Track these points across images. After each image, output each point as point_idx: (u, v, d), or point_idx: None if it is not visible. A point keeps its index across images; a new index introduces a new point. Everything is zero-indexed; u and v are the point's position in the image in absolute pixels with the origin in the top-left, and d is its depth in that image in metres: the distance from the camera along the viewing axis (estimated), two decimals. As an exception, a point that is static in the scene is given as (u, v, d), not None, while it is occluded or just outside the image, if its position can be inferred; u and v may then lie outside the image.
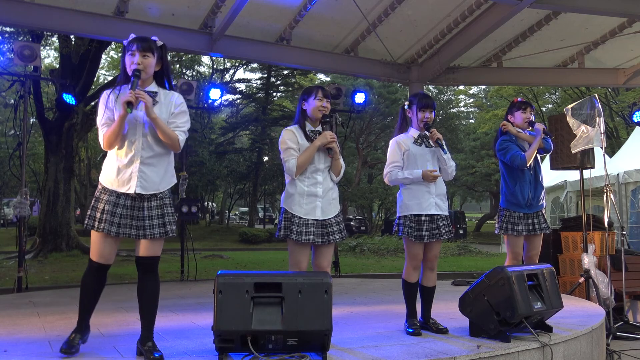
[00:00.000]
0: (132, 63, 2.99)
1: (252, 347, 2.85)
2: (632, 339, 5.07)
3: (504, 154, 4.59)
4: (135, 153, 2.98)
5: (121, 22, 6.86)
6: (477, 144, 28.84)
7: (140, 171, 2.98)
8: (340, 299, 5.54)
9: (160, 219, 3.01)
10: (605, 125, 5.44)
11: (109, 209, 2.95)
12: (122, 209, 2.97)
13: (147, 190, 2.99)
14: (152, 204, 3.01)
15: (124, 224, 2.96)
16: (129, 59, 3.01)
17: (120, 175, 2.98)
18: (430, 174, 3.82)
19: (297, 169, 3.48)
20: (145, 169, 2.99)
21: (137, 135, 2.99)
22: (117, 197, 2.97)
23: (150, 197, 3.01)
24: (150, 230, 2.98)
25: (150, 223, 2.99)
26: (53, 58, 25.49)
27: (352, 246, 17.03)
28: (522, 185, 4.59)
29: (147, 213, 2.99)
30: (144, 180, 2.98)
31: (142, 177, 2.98)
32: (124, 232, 2.96)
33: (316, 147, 3.49)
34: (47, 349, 3.35)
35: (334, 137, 3.51)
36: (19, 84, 7.14)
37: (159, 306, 3.11)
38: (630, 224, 10.75)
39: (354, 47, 8.38)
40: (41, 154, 18.55)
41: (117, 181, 2.98)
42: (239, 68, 28.64)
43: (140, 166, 2.98)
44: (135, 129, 3.00)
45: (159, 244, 3.05)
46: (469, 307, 3.70)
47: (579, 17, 7.53)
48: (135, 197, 2.98)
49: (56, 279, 9.86)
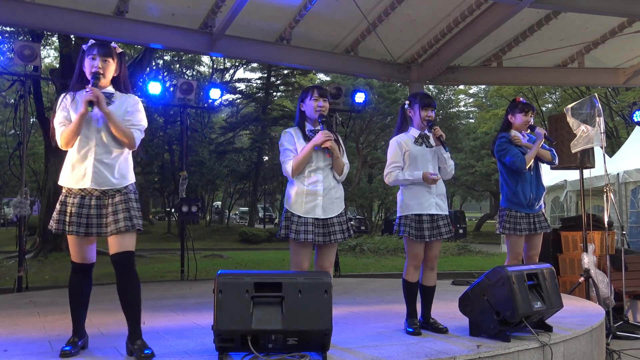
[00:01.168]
0: (92, 67, 3.08)
1: (252, 347, 2.85)
2: (632, 338, 5.07)
3: (503, 155, 4.59)
4: (89, 149, 3.04)
5: (121, 22, 6.86)
6: (477, 143, 28.81)
7: (94, 167, 3.03)
8: (341, 299, 5.54)
9: (126, 212, 3.04)
10: (605, 124, 5.44)
11: (75, 210, 3.00)
12: (87, 209, 3.01)
13: (101, 186, 3.03)
14: (115, 199, 3.05)
15: (91, 223, 3.00)
16: (89, 63, 3.10)
17: (75, 171, 3.04)
18: (430, 177, 3.82)
19: (294, 169, 3.50)
20: (99, 166, 3.04)
21: (91, 132, 3.06)
22: (81, 198, 3.01)
23: (114, 194, 3.05)
24: (115, 225, 3.00)
25: (115, 218, 3.01)
26: (53, 58, 25.48)
27: (352, 246, 17.03)
28: (523, 185, 4.59)
29: (111, 209, 3.03)
30: (98, 176, 3.03)
31: (96, 172, 3.03)
32: (91, 232, 3.00)
33: (311, 147, 3.49)
34: (47, 348, 3.35)
35: (329, 136, 3.49)
36: (19, 84, 7.15)
37: (159, 306, 3.11)
38: (630, 224, 10.76)
39: (354, 47, 8.38)
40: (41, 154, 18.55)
41: (72, 178, 3.04)
42: (239, 68, 28.66)
43: (94, 162, 3.03)
44: (89, 127, 3.06)
45: (130, 239, 3.05)
46: (469, 307, 3.70)
47: (579, 16, 7.53)
48: (100, 196, 3.02)
49: (56, 278, 9.85)
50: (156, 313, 4.63)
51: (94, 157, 3.04)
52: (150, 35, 7.27)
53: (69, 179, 3.06)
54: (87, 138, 3.05)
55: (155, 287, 7.12)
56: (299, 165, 3.50)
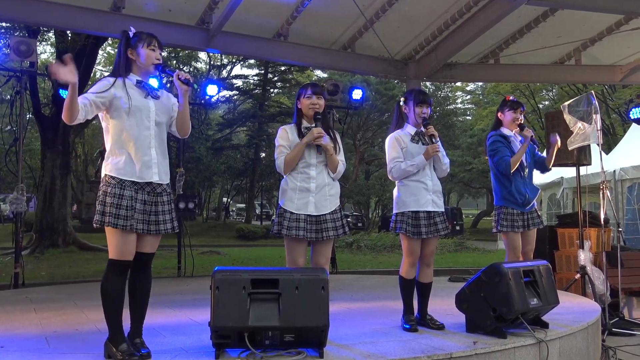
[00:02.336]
0: (157, 58, 3.06)
1: (249, 343, 2.85)
2: (627, 335, 5.09)
3: (492, 156, 4.64)
4: (150, 141, 2.97)
5: (118, 18, 6.83)
6: (474, 140, 28.82)
7: (157, 159, 2.98)
8: (337, 295, 5.55)
9: (170, 214, 3.01)
10: (601, 122, 5.45)
11: (131, 204, 2.87)
12: (140, 204, 2.91)
13: (163, 180, 2.99)
14: (164, 198, 3.00)
15: (141, 219, 2.90)
16: (151, 53, 3.04)
17: (138, 162, 2.91)
18: (431, 151, 3.83)
19: (285, 166, 3.51)
20: (160, 159, 3.00)
21: (150, 123, 2.99)
22: (135, 191, 2.90)
23: (162, 192, 3.00)
24: (164, 225, 2.97)
25: (164, 218, 2.98)
26: (49, 54, 25.38)
27: (349, 242, 17.05)
28: (517, 185, 4.62)
29: (160, 208, 2.97)
30: (161, 170, 2.99)
31: (159, 165, 2.98)
32: (142, 228, 2.90)
33: (303, 145, 3.48)
34: (43, 345, 3.35)
35: (321, 133, 3.47)
36: (15, 80, 7.12)
37: (156, 302, 3.10)
38: (626, 221, 10.78)
39: (351, 44, 8.37)
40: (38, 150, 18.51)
41: (136, 170, 2.91)
42: (236, 64, 28.56)
43: (157, 155, 2.98)
44: (148, 117, 2.99)
45: (158, 240, 3.04)
46: (466, 303, 3.71)
47: (576, 14, 7.54)
48: (150, 192, 2.94)
49: (53, 275, 9.84)
50: (153, 309, 4.57)
51: (155, 149, 2.97)
52: (147, 31, 7.23)
53: (130, 171, 2.90)
54: (147, 129, 2.97)
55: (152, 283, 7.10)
56: (291, 162, 3.51)
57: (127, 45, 3.06)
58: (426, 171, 3.90)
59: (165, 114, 3.08)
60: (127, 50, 3.06)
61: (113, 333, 2.91)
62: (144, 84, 3.04)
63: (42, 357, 3.06)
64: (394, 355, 3.06)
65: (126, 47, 3.06)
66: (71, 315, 4.53)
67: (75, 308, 4.94)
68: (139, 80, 3.04)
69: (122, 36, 3.09)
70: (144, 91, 3.02)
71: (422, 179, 3.88)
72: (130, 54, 3.06)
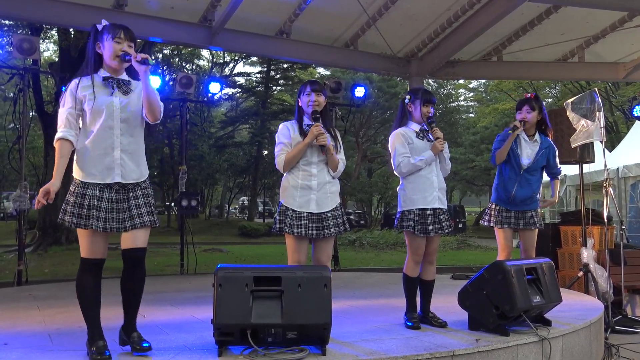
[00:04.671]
0: (121, 50, 2.92)
1: (252, 341, 2.85)
2: (630, 332, 5.08)
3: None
4: (113, 141, 2.90)
5: (120, 15, 6.82)
6: (477, 138, 28.80)
7: (121, 159, 2.91)
8: (340, 293, 5.55)
9: (148, 207, 2.96)
10: (605, 119, 5.44)
11: (93, 203, 2.84)
12: (107, 202, 2.87)
13: (127, 179, 2.92)
14: (137, 193, 2.95)
15: (110, 218, 2.87)
16: (116, 46, 2.91)
17: (99, 165, 2.88)
18: (438, 146, 3.83)
19: (285, 165, 3.50)
20: (125, 157, 2.92)
21: (114, 122, 2.91)
22: (100, 190, 2.87)
23: (134, 188, 2.95)
24: (140, 219, 2.91)
25: (138, 212, 2.92)
26: (52, 51, 25.38)
27: (352, 240, 17.06)
28: (505, 181, 4.62)
29: (133, 202, 2.92)
30: (125, 170, 2.91)
31: (122, 165, 2.91)
32: (110, 227, 2.87)
33: (306, 145, 3.47)
34: (47, 342, 3.36)
35: (320, 131, 3.45)
36: (18, 77, 7.12)
37: (159, 300, 3.10)
38: (629, 219, 10.76)
39: (353, 41, 8.36)
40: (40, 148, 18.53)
41: (96, 172, 2.87)
42: (239, 62, 28.60)
43: (121, 154, 2.91)
44: (112, 117, 2.91)
45: (146, 234, 2.97)
46: (468, 301, 3.71)
47: (579, 11, 7.51)
48: (119, 190, 2.91)
49: (56, 272, 9.87)
50: (155, 307, 4.63)
51: (120, 148, 2.91)
52: (149, 28, 7.24)
53: (90, 174, 2.88)
54: (110, 129, 2.89)
55: (154, 281, 7.12)
56: (291, 161, 3.50)
57: (95, 39, 2.97)
58: (432, 167, 3.89)
59: (137, 106, 2.98)
60: (96, 44, 2.97)
61: (90, 331, 2.93)
62: (110, 80, 2.94)
63: (45, 354, 3.08)
64: (397, 352, 3.06)
65: (94, 42, 2.97)
66: (74, 312, 4.50)
67: (78, 305, 4.92)
68: (106, 77, 2.95)
69: (91, 30, 3.00)
70: (109, 89, 2.93)
71: (429, 175, 3.87)
72: (98, 48, 2.97)
